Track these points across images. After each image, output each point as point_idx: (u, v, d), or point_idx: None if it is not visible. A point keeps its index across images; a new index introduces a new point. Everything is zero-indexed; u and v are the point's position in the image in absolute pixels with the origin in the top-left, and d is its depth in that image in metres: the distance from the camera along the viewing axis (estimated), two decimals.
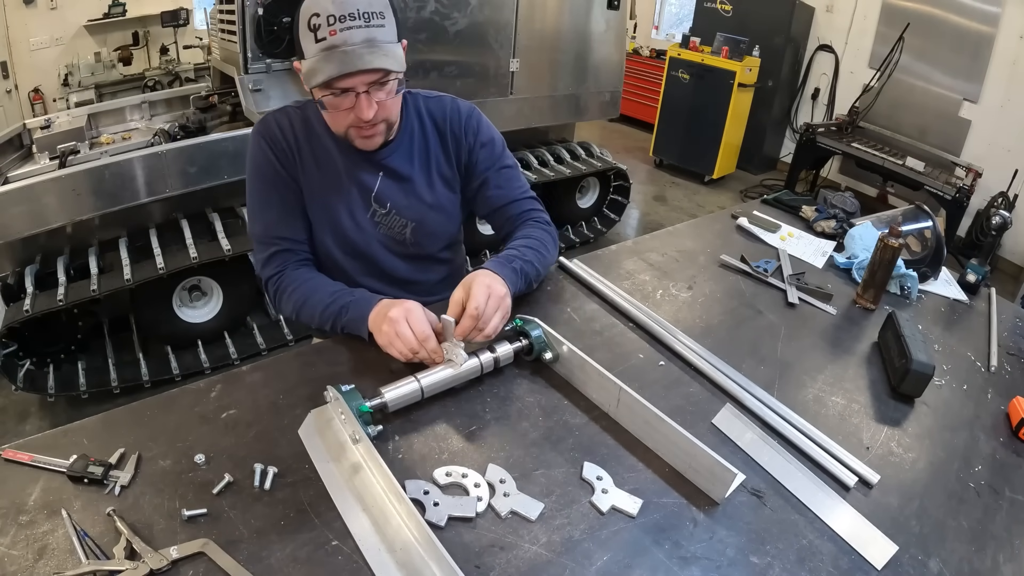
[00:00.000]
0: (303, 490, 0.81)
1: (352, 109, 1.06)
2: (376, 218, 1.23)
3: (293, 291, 1.17)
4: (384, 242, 1.26)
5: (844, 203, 1.83)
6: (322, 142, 1.18)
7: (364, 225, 1.23)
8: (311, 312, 1.14)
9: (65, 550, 0.71)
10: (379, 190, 1.21)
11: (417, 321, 0.99)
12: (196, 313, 2.68)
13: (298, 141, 1.17)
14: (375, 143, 1.14)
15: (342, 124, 1.10)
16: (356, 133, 1.11)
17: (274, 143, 1.16)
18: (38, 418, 2.42)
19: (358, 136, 1.12)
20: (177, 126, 2.85)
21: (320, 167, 1.19)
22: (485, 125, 1.28)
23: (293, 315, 1.18)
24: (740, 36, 4.84)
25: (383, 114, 1.09)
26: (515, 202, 1.29)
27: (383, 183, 1.21)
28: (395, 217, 1.24)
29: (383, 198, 1.22)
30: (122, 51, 5.41)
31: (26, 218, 2.22)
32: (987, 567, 0.82)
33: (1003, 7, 4.05)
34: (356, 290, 1.14)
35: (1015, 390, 1.19)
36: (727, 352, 1.17)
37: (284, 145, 1.16)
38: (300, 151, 1.18)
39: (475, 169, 1.27)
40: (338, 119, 1.10)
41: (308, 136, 1.18)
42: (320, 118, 1.17)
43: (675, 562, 0.76)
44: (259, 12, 2.46)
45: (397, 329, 0.98)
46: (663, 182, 5.31)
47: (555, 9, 3.37)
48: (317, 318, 1.13)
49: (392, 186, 1.22)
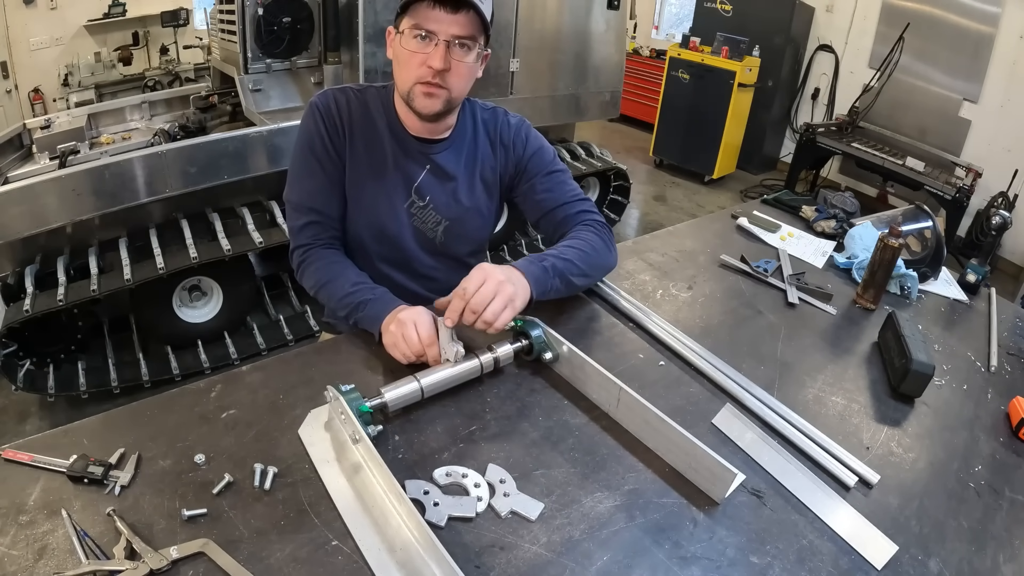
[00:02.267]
0: (303, 490, 0.81)
1: (427, 58, 1.06)
2: (412, 209, 1.24)
3: (317, 269, 1.19)
4: (414, 234, 1.26)
5: (844, 203, 1.83)
6: (376, 125, 1.20)
7: (399, 213, 1.23)
8: (329, 294, 1.16)
9: (65, 550, 0.71)
10: (422, 182, 1.22)
11: (424, 325, 1.00)
12: (196, 313, 2.68)
13: (352, 119, 1.19)
14: (434, 106, 1.11)
15: (411, 77, 1.09)
16: (420, 89, 1.10)
17: (328, 117, 1.18)
18: (38, 418, 2.42)
19: (421, 93, 1.10)
20: (177, 126, 2.85)
21: (368, 149, 1.20)
22: (534, 135, 1.30)
23: (312, 291, 1.21)
24: (740, 36, 4.84)
25: (452, 79, 1.09)
26: (565, 204, 1.27)
27: (427, 177, 1.22)
28: (431, 212, 1.25)
29: (424, 191, 1.23)
30: (122, 51, 5.41)
31: (26, 218, 2.22)
32: (987, 567, 0.82)
33: (1003, 7, 4.05)
34: (377, 288, 1.14)
35: (1015, 390, 1.19)
36: (727, 352, 1.17)
37: (337, 120, 1.18)
38: (352, 129, 1.19)
39: (524, 175, 1.28)
40: (410, 67, 1.09)
41: (363, 116, 1.19)
42: (377, 103, 1.20)
43: (675, 562, 0.76)
44: (259, 12, 2.46)
45: (404, 331, 1.00)
46: (663, 182, 5.31)
47: (555, 9, 3.37)
48: (334, 302, 1.15)
49: (435, 182, 1.23)
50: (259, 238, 2.50)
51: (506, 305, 0.97)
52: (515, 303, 0.99)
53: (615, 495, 0.84)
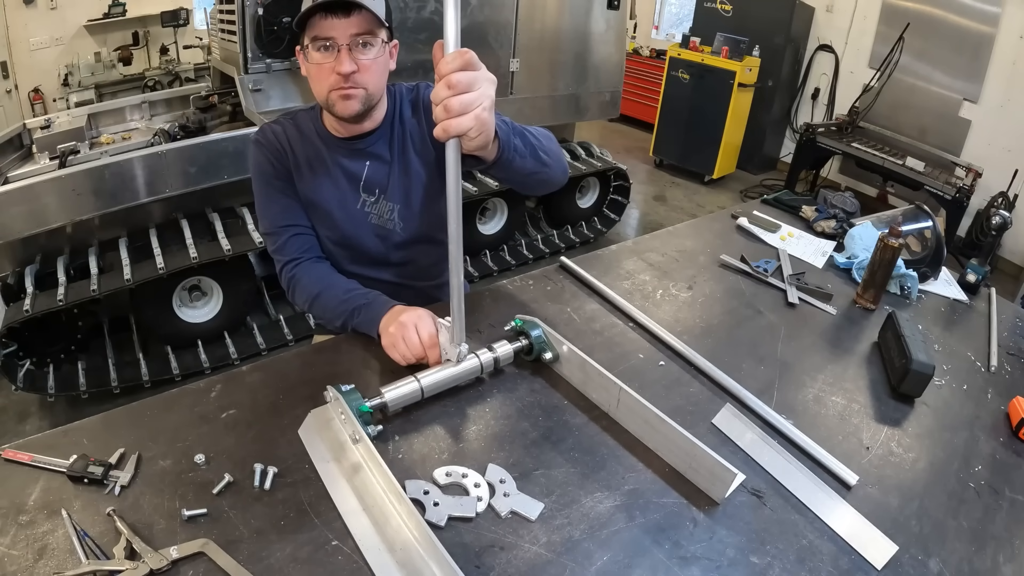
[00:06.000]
0: (303, 490, 0.81)
1: (334, 65, 1.09)
2: (366, 208, 1.27)
3: (307, 284, 1.22)
4: (375, 231, 1.29)
5: (844, 203, 1.83)
6: (312, 142, 1.24)
7: (355, 215, 1.27)
8: (323, 306, 1.20)
9: (65, 550, 0.71)
10: (367, 177, 1.25)
11: (425, 328, 1.02)
12: (196, 313, 2.68)
13: (291, 144, 1.24)
14: (353, 107, 1.14)
15: (325, 86, 1.12)
16: (336, 95, 1.12)
17: (270, 147, 1.23)
18: (38, 418, 2.42)
19: (338, 98, 1.12)
20: (177, 126, 2.85)
21: (311, 166, 1.24)
22: None
23: (306, 306, 1.25)
24: (740, 36, 4.84)
25: (363, 77, 1.11)
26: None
27: (369, 171, 1.25)
28: (383, 203, 1.27)
29: (371, 186, 1.26)
30: (122, 51, 5.41)
31: (26, 218, 2.22)
32: (987, 567, 0.82)
33: (1003, 7, 4.05)
34: (370, 292, 1.17)
35: (1015, 390, 1.19)
36: (727, 352, 1.17)
37: (278, 147, 1.23)
38: (294, 153, 1.24)
39: None
40: (321, 78, 1.12)
41: (299, 139, 1.24)
42: (308, 123, 1.25)
43: (675, 562, 0.76)
44: (259, 12, 2.46)
45: (405, 333, 1.02)
46: (663, 182, 5.31)
47: (555, 9, 3.37)
48: (329, 313, 1.19)
49: (377, 173, 1.25)
50: (259, 238, 2.49)
51: (477, 106, 0.80)
52: (483, 114, 0.81)
53: (615, 495, 0.84)
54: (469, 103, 0.79)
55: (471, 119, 0.80)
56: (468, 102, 0.79)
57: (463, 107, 0.79)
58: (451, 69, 0.78)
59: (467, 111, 0.79)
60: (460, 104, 0.79)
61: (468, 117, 0.79)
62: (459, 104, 0.79)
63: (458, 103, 0.79)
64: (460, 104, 0.79)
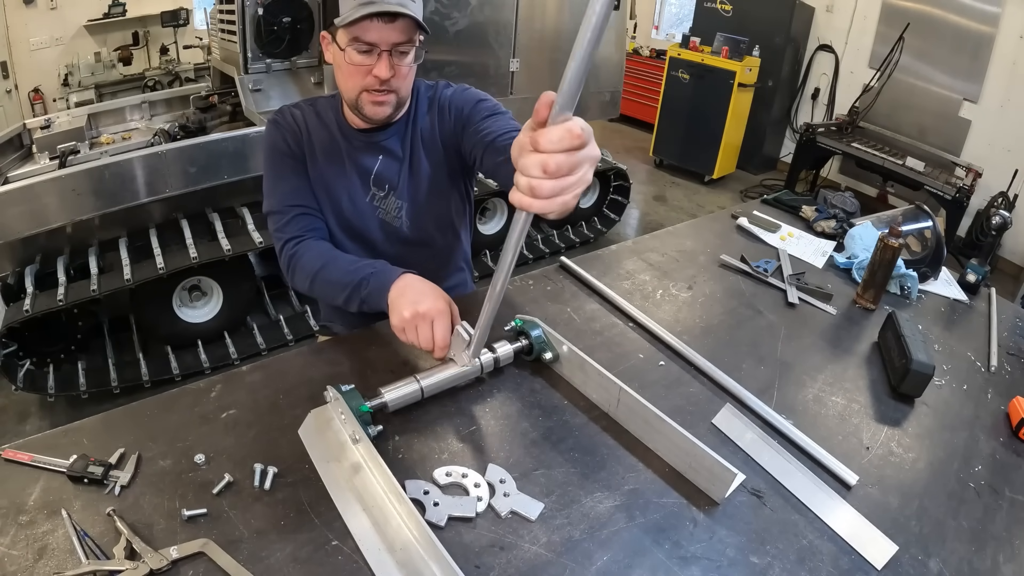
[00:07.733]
0: (303, 490, 0.81)
1: (372, 69, 1.10)
2: (375, 201, 1.27)
3: (309, 260, 1.17)
4: (381, 226, 1.29)
5: (844, 203, 1.83)
6: (329, 131, 1.24)
7: (363, 207, 1.27)
8: (326, 280, 1.14)
9: (65, 550, 0.71)
10: (378, 172, 1.25)
11: (442, 328, 0.96)
12: (196, 313, 2.68)
13: (308, 128, 1.24)
14: (384, 112, 1.16)
15: (357, 85, 1.13)
16: (368, 98, 1.13)
17: (287, 127, 1.23)
18: (38, 418, 2.42)
19: (369, 101, 1.14)
20: (177, 126, 2.85)
21: (325, 154, 1.24)
22: (474, 92, 1.29)
23: (307, 284, 1.17)
24: (740, 36, 4.83)
25: (397, 82, 1.13)
26: (506, 134, 1.13)
27: (381, 165, 1.25)
28: (392, 200, 1.27)
29: (382, 180, 1.26)
30: (122, 51, 5.40)
31: (26, 218, 2.22)
32: (987, 567, 0.82)
33: (1003, 7, 4.05)
34: (376, 261, 1.13)
35: (1015, 390, 1.19)
36: (727, 352, 1.17)
37: (295, 129, 1.23)
38: (310, 138, 1.24)
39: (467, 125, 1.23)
40: (355, 78, 1.12)
41: (318, 124, 1.24)
42: (327, 111, 1.25)
43: (675, 562, 0.76)
44: (259, 12, 2.46)
45: (420, 325, 0.96)
46: (663, 182, 5.31)
47: (555, 9, 3.37)
48: (332, 288, 1.13)
49: (388, 168, 1.25)
50: (259, 238, 2.50)
51: (571, 194, 0.66)
52: (573, 202, 0.68)
53: (615, 495, 0.84)
54: (562, 189, 0.65)
55: (558, 204, 0.65)
56: (562, 188, 0.65)
57: (554, 192, 0.65)
58: (554, 149, 0.63)
59: (557, 197, 0.65)
60: (551, 190, 0.64)
61: (556, 202, 0.65)
62: (550, 190, 0.64)
63: (550, 189, 0.64)
64: (551, 190, 0.64)
